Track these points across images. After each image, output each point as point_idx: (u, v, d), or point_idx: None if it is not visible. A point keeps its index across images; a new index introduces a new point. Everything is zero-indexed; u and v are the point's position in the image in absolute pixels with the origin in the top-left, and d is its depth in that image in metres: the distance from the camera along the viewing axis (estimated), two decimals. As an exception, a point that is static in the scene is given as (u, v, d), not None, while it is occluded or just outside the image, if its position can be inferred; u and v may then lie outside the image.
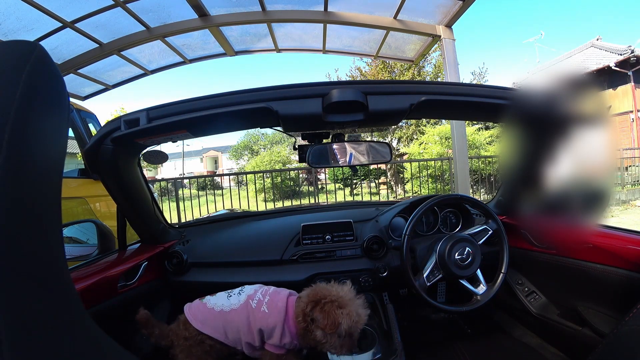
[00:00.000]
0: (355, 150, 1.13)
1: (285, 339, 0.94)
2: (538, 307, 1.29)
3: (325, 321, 0.87)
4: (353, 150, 1.12)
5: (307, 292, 0.96)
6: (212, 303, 0.99)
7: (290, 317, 0.95)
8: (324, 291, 0.93)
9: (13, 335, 0.29)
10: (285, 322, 0.95)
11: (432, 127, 9.73)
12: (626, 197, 7.03)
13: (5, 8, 2.65)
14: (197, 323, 0.95)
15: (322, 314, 0.88)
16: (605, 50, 11.57)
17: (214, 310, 0.97)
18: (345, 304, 0.90)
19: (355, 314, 0.89)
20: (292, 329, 0.95)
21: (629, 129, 11.04)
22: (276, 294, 1.01)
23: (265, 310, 0.95)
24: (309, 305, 0.92)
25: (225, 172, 22.66)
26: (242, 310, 0.96)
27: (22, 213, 0.34)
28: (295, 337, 0.95)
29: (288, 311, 0.96)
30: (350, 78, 11.72)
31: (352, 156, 1.11)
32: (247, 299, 0.98)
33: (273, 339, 0.94)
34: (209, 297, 1.02)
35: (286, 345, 0.95)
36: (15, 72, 0.35)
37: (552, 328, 1.22)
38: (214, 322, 0.96)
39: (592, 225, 1.14)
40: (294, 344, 0.96)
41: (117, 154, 0.95)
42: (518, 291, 1.36)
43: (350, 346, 0.93)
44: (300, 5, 3.28)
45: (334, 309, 0.88)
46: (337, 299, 0.90)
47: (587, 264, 1.06)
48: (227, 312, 0.96)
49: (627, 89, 11.02)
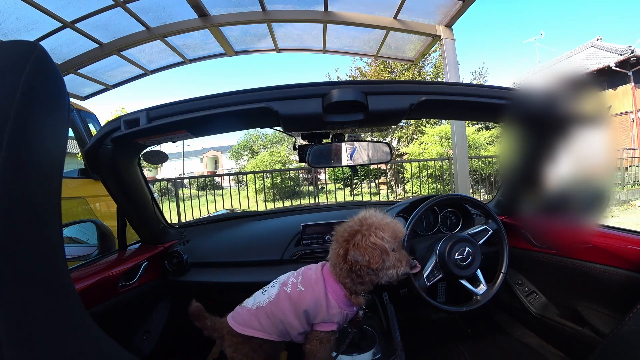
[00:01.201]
0: (356, 150, 1.13)
1: (333, 309, 0.89)
2: (538, 307, 1.29)
3: (367, 257, 0.82)
4: (353, 150, 1.12)
5: (335, 238, 0.91)
6: (250, 304, 0.96)
7: (330, 284, 0.90)
8: (347, 229, 0.89)
9: (13, 335, 0.29)
10: (327, 290, 0.90)
11: (432, 127, 9.73)
12: (626, 197, 7.02)
13: (5, 8, 2.65)
14: (237, 326, 0.93)
15: (359, 252, 0.83)
16: (605, 50, 11.56)
17: (253, 310, 0.94)
18: (375, 229, 0.86)
19: (391, 230, 0.87)
20: (339, 293, 0.90)
21: (629, 129, 11.03)
22: (308, 270, 0.97)
23: (302, 289, 0.91)
24: (341, 250, 0.87)
25: (225, 172, 22.68)
26: (279, 300, 0.92)
27: (22, 213, 0.34)
28: (345, 301, 0.90)
29: (325, 279, 0.91)
30: (350, 78, 11.73)
31: (352, 156, 1.11)
32: (281, 287, 0.94)
33: (320, 316, 0.89)
34: (247, 299, 0.99)
35: (335, 318, 0.90)
36: (15, 72, 0.35)
37: (552, 328, 1.22)
38: (253, 322, 0.92)
39: (592, 225, 1.14)
40: (344, 313, 0.91)
41: (117, 154, 0.95)
42: (518, 291, 1.36)
43: (407, 258, 0.91)
44: (300, 5, 3.28)
45: (368, 242, 0.84)
46: (366, 228, 0.86)
47: (587, 264, 1.06)
48: (265, 307, 0.92)
49: (627, 89, 11.02)
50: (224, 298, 1.06)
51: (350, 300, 0.90)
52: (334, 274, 0.91)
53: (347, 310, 0.91)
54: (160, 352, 1.24)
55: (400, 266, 0.90)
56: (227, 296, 1.10)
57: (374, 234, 0.85)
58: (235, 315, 0.96)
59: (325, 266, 0.96)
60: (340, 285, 0.90)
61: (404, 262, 0.91)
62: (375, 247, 0.84)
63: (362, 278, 0.87)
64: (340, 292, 0.90)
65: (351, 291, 0.89)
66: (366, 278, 0.88)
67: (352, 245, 0.85)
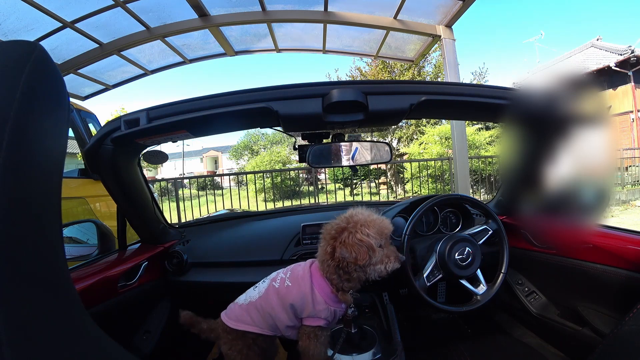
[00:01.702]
0: (356, 150, 1.13)
1: (319, 305, 0.91)
2: (538, 307, 1.29)
3: (353, 254, 0.84)
4: (353, 150, 1.12)
5: (322, 236, 0.93)
6: (241, 300, 1.00)
7: (317, 280, 0.92)
8: (334, 226, 0.90)
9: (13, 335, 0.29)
10: (313, 285, 0.92)
11: (432, 127, 9.73)
12: (626, 197, 7.02)
13: (5, 8, 2.65)
14: (229, 322, 0.96)
15: (346, 249, 0.84)
16: (605, 50, 11.56)
17: (244, 305, 0.97)
18: (361, 226, 0.87)
19: (376, 227, 0.88)
20: (325, 289, 0.91)
21: (629, 129, 11.03)
22: (297, 267, 1.00)
23: (289, 284, 0.94)
24: (328, 247, 0.88)
25: (225, 172, 22.67)
26: (268, 295, 0.95)
27: (22, 213, 0.34)
28: (332, 297, 0.91)
29: (313, 275, 0.94)
30: (350, 78, 11.73)
31: (352, 156, 1.11)
32: (270, 283, 0.98)
33: (306, 310, 0.91)
34: (240, 296, 1.03)
35: (322, 314, 0.91)
36: (15, 72, 0.35)
37: (552, 328, 1.22)
38: (245, 317, 0.95)
39: (592, 225, 1.14)
40: (330, 310, 0.92)
41: (117, 154, 0.95)
42: (518, 291, 1.36)
43: (395, 254, 0.92)
44: (300, 5, 3.28)
45: (355, 239, 0.85)
46: (352, 226, 0.87)
47: (587, 264, 1.07)
48: (255, 302, 0.96)
49: (627, 89, 11.02)
50: (224, 298, 1.07)
51: (337, 297, 0.91)
52: (322, 270, 0.93)
53: (334, 306, 0.93)
54: (160, 352, 1.24)
55: (388, 262, 0.91)
56: (227, 296, 1.10)
57: (360, 231, 0.87)
58: (228, 312, 1.00)
59: (314, 264, 0.98)
60: (327, 282, 0.92)
61: (392, 257, 0.92)
62: (361, 244, 0.85)
63: (350, 275, 0.89)
64: (326, 288, 0.92)
65: (338, 288, 0.91)
66: (354, 275, 0.89)
67: (339, 243, 0.86)
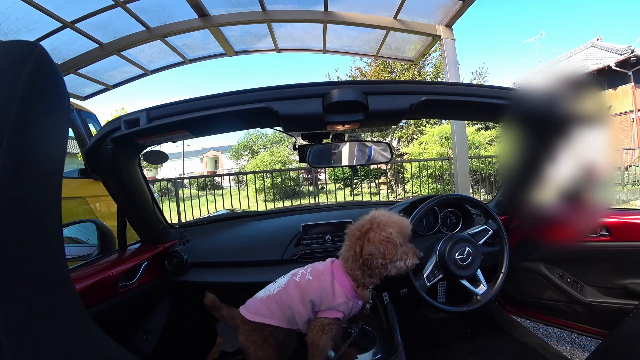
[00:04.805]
0: (356, 150, 1.13)
1: (339, 298, 0.95)
2: (588, 294, 1.29)
3: (381, 249, 0.89)
4: (353, 150, 1.12)
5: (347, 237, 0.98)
6: (260, 294, 1.03)
7: (338, 275, 0.97)
8: (359, 227, 0.96)
9: (13, 335, 0.29)
10: (334, 280, 0.96)
11: (432, 127, 9.72)
12: (626, 197, 7.02)
13: (5, 8, 2.65)
14: (248, 314, 0.99)
15: (374, 246, 0.90)
16: (605, 50, 11.56)
17: (263, 298, 1.01)
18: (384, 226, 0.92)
19: (397, 226, 0.93)
20: (346, 283, 0.96)
21: (629, 129, 11.03)
22: (318, 264, 1.05)
23: (310, 278, 0.98)
24: (357, 247, 0.93)
25: (225, 172, 22.68)
26: (287, 287, 0.99)
27: (22, 213, 0.34)
28: (352, 292, 0.96)
29: (334, 271, 0.98)
30: (350, 78, 11.72)
31: (352, 156, 1.12)
32: (291, 277, 1.01)
33: (325, 303, 0.95)
34: (258, 292, 1.06)
35: (341, 307, 0.96)
36: (15, 72, 0.35)
37: (606, 310, 1.23)
38: (263, 309, 0.98)
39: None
40: (349, 304, 0.96)
41: (117, 154, 0.95)
42: (563, 283, 1.36)
43: (414, 251, 0.98)
44: (300, 5, 3.28)
45: (381, 236, 0.90)
46: (376, 226, 0.93)
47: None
48: (274, 295, 0.99)
49: (627, 89, 11.02)
50: (224, 298, 1.07)
51: (357, 292, 0.96)
52: (345, 267, 0.97)
53: (353, 301, 0.97)
54: (160, 352, 1.24)
55: (408, 258, 0.97)
56: (227, 296, 1.10)
57: (384, 230, 0.92)
58: (248, 305, 1.03)
59: (335, 261, 1.02)
60: (348, 277, 0.97)
61: (411, 254, 0.97)
62: (388, 241, 0.91)
63: (373, 270, 0.94)
64: (347, 283, 0.96)
65: (359, 284, 0.96)
66: (376, 270, 0.94)
67: (367, 241, 0.92)
